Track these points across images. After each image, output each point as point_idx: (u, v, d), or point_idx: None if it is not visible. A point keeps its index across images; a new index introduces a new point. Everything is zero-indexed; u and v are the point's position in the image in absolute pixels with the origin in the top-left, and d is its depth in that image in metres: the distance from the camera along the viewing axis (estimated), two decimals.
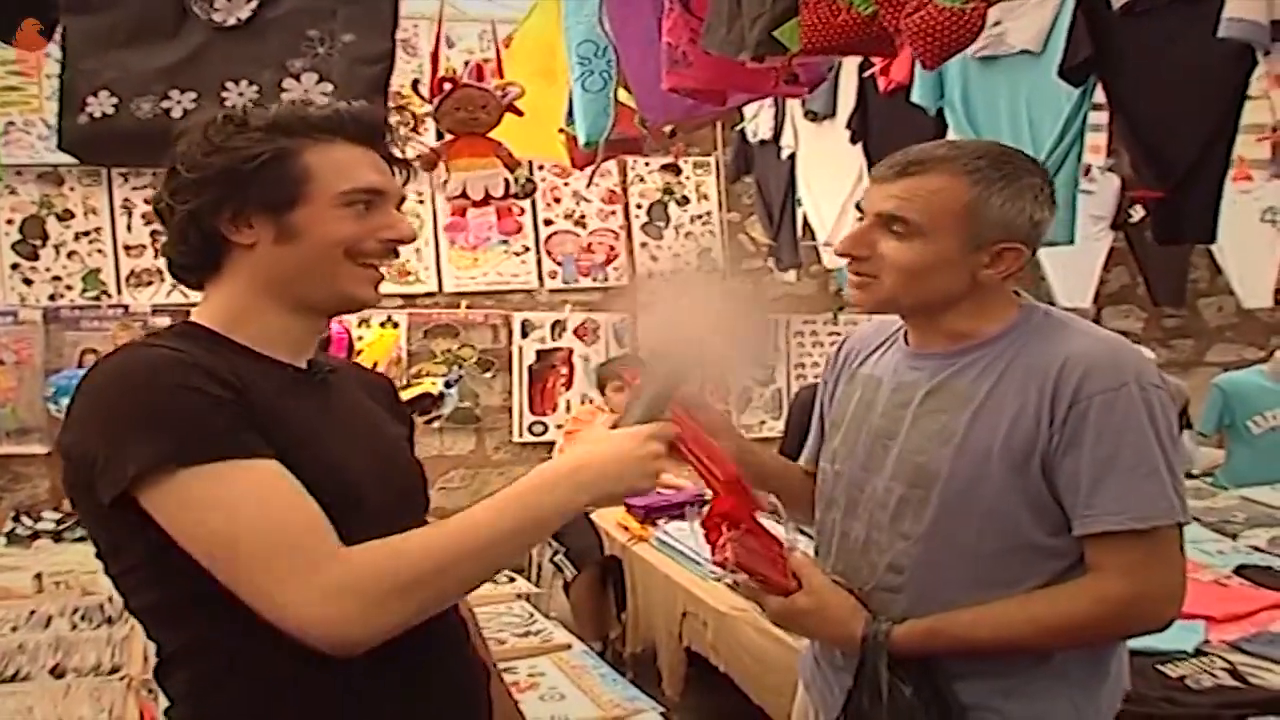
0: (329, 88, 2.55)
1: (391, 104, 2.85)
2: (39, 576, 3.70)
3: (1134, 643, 1.95)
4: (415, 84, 2.97)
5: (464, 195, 2.99)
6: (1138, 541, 1.75)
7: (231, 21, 2.57)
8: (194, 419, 1.40)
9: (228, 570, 1.39)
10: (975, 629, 1.81)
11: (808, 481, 2.15)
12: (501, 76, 3.17)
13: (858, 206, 1.94)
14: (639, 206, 6.58)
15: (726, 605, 3.46)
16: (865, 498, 1.96)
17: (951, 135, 3.82)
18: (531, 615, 3.39)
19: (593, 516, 4.68)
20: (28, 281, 5.63)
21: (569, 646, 3.09)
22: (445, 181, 2.98)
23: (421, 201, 6.05)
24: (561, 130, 3.62)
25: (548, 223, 6.47)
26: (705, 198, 6.66)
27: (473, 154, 2.97)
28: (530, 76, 3.78)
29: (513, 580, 3.77)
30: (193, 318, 1.61)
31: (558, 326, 6.44)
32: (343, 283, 1.59)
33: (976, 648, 1.82)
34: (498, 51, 3.41)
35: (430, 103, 2.96)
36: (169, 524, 1.39)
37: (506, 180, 3.02)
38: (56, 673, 2.91)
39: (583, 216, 6.50)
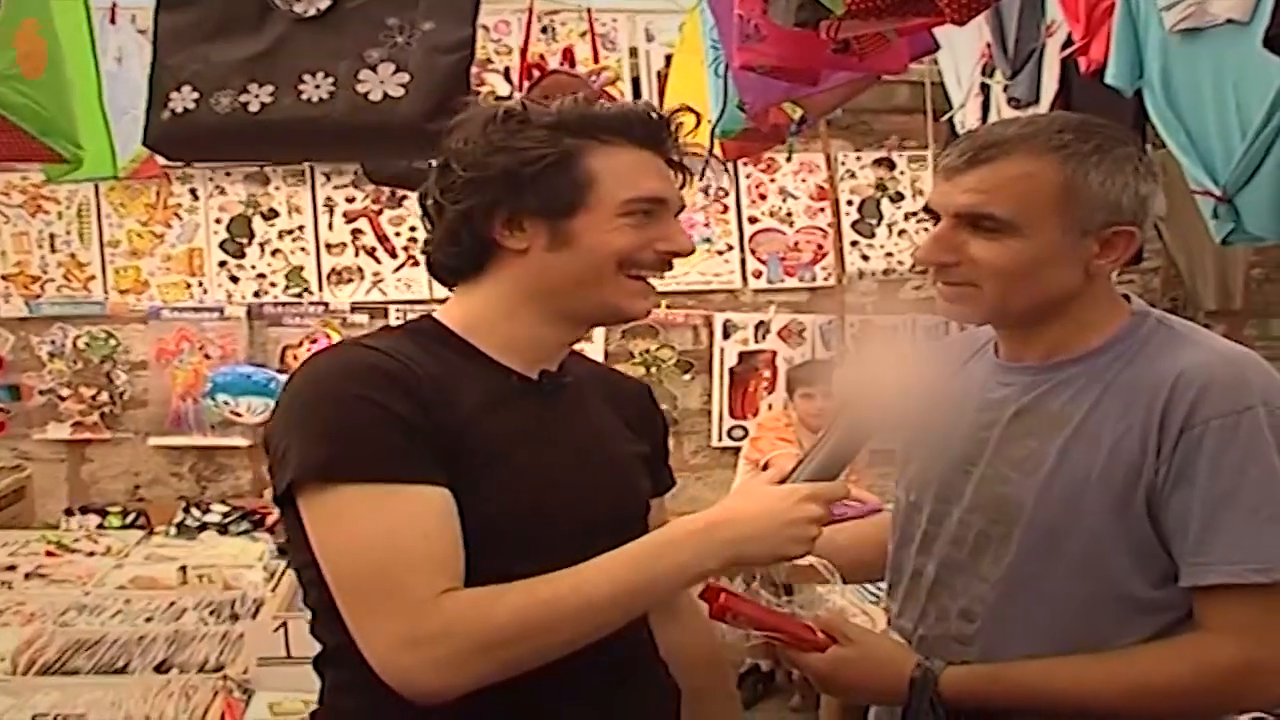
0: (405, 78, 2.45)
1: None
2: (183, 569, 3.79)
3: None
4: (507, 72, 2.84)
5: None
6: (1257, 598, 1.46)
7: (311, 12, 2.51)
8: (360, 435, 1.38)
9: (335, 593, 1.39)
10: (1045, 680, 1.54)
11: None
12: (597, 61, 3.00)
13: (926, 208, 1.68)
14: (849, 203, 6.27)
15: None
16: (942, 532, 1.70)
17: (1152, 117, 3.43)
18: None
19: None
20: (234, 279, 5.86)
21: None
22: None
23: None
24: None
25: (752, 220, 6.26)
26: (920, 193, 6.28)
27: None
28: (700, 66, 3.63)
29: None
30: (437, 314, 1.59)
31: (761, 328, 6.22)
32: (612, 294, 1.53)
33: (1044, 705, 1.54)
34: (593, 36, 3.23)
35: (519, 90, 2.82)
36: (310, 532, 1.40)
37: None
38: (163, 668, 2.93)
39: (789, 214, 6.26)
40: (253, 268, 5.88)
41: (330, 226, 5.87)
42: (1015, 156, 1.57)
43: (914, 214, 6.28)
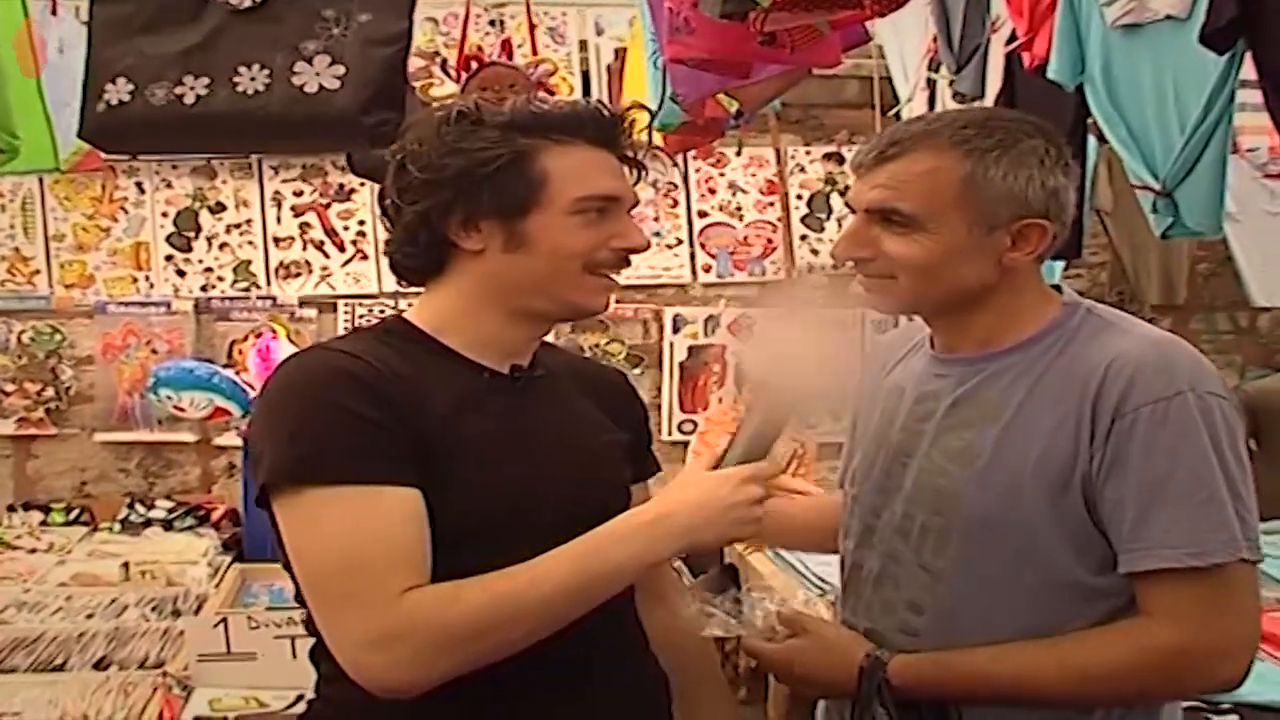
0: (341, 70, 2.44)
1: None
2: (126, 565, 3.76)
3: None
4: (444, 63, 2.82)
5: None
6: (1194, 581, 1.48)
7: (247, 4, 2.49)
8: (326, 438, 1.40)
9: (305, 593, 1.44)
10: (991, 666, 1.56)
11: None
12: (535, 54, 2.99)
13: (846, 204, 1.71)
14: (799, 197, 6.26)
15: None
16: (882, 525, 1.72)
17: (1093, 112, 3.46)
18: None
19: None
20: (180, 273, 5.77)
21: None
22: None
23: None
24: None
25: (702, 214, 6.24)
26: None
27: None
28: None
29: None
30: (407, 314, 1.60)
31: (711, 322, 6.21)
32: (572, 293, 1.55)
33: (992, 691, 1.57)
34: (530, 28, 3.22)
35: (456, 82, 2.81)
36: (282, 534, 1.43)
37: None
38: (103, 665, 2.91)
39: (739, 208, 6.25)
40: (200, 262, 5.79)
41: (278, 220, 5.78)
42: (919, 152, 1.60)
43: None
